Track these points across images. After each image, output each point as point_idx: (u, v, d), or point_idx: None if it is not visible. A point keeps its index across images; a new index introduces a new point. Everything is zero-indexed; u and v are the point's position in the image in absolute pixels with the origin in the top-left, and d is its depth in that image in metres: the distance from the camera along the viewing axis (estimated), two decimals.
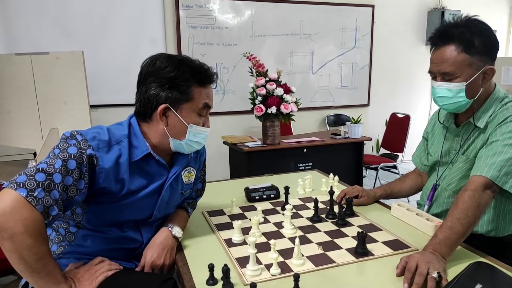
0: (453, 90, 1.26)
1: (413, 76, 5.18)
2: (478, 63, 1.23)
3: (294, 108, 3.10)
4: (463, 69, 1.23)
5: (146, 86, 1.13)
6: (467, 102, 1.27)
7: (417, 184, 1.63)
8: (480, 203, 1.15)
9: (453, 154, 1.41)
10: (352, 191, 1.58)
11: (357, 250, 1.16)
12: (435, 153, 1.48)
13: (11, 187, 0.90)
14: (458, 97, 1.26)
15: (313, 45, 4.60)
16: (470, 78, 1.24)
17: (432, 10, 5.07)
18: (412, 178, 1.65)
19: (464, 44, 1.22)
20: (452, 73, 1.24)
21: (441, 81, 1.28)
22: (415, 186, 1.64)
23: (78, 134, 1.05)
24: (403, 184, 1.64)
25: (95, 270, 1.06)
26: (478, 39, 1.22)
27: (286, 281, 1.01)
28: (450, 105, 1.30)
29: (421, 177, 1.63)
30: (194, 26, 4.06)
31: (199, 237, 1.31)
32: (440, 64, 1.26)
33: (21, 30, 3.48)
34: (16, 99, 2.98)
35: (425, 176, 1.60)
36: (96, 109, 3.68)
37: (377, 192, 1.60)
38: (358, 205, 1.54)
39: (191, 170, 1.31)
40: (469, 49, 1.22)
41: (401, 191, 1.63)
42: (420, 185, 1.62)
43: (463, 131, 1.37)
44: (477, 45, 1.22)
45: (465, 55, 1.22)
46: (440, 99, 1.31)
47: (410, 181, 1.64)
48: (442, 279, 0.98)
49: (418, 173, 1.65)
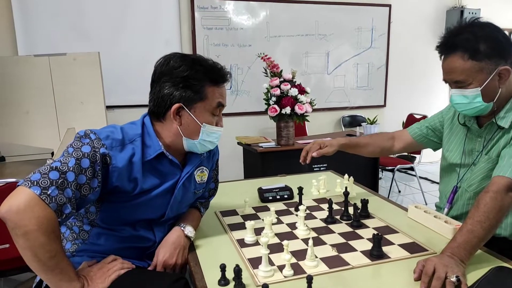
0: (469, 96, 1.24)
1: (431, 77, 5.08)
2: (489, 67, 1.19)
3: (308, 108, 3.07)
4: (474, 76, 1.20)
5: (160, 85, 1.13)
6: (486, 106, 1.24)
7: (386, 146, 1.62)
8: (503, 206, 1.10)
9: (476, 155, 1.36)
10: (314, 147, 1.55)
11: (372, 253, 1.14)
12: (455, 153, 1.44)
13: (25, 185, 0.91)
14: (475, 102, 1.24)
15: (328, 45, 4.56)
16: (484, 83, 1.21)
17: (451, 9, 4.97)
18: (384, 138, 1.63)
19: (469, 52, 1.19)
20: (463, 81, 1.22)
21: (456, 89, 1.26)
22: (383, 148, 1.62)
23: (91, 133, 1.06)
24: (372, 140, 1.62)
25: (108, 269, 1.06)
26: (483, 43, 1.18)
27: (299, 283, 1.00)
28: (470, 110, 1.27)
29: (394, 141, 1.62)
30: (209, 27, 4.08)
31: (211, 237, 1.31)
32: (450, 73, 1.25)
33: (40, 32, 3.55)
34: (34, 99, 3.03)
35: (402, 142, 1.60)
36: (112, 110, 3.72)
37: (341, 140, 1.59)
38: (322, 155, 1.52)
39: (204, 169, 1.31)
40: (475, 56, 1.19)
41: (369, 147, 1.61)
42: (388, 149, 1.62)
43: (486, 131, 1.33)
44: (483, 49, 1.18)
45: (473, 62, 1.19)
46: (458, 105, 1.29)
47: (381, 141, 1.63)
48: (461, 284, 0.95)
49: (394, 136, 1.63)
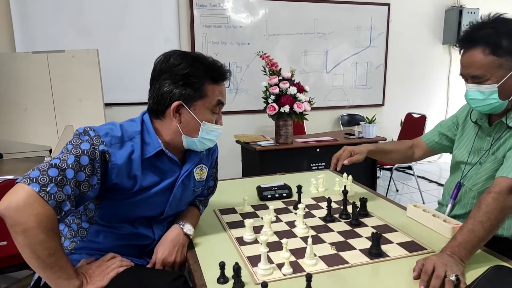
0: (485, 92, 1.23)
1: (430, 76, 5.09)
2: (508, 64, 1.19)
3: (307, 107, 3.06)
4: (493, 71, 1.20)
5: (160, 83, 1.13)
6: (501, 104, 1.23)
7: (408, 155, 1.66)
8: (505, 207, 1.10)
9: (483, 154, 1.36)
10: (344, 154, 1.54)
11: (371, 251, 1.14)
12: (463, 150, 1.44)
13: (24, 182, 0.90)
14: (490, 99, 1.23)
15: (327, 44, 4.56)
16: (502, 79, 1.20)
17: (449, 8, 4.97)
18: (406, 146, 1.66)
19: (491, 46, 1.18)
20: (481, 76, 1.21)
21: (472, 84, 1.25)
22: (406, 156, 1.66)
23: (91, 130, 1.05)
24: (396, 149, 1.65)
25: (107, 266, 1.06)
26: (506, 39, 1.17)
27: (298, 281, 1.00)
28: (484, 107, 1.26)
29: (414, 149, 1.65)
30: (208, 25, 4.07)
31: (210, 235, 1.31)
32: (468, 67, 1.24)
33: (38, 29, 3.53)
34: (32, 96, 3.02)
35: (421, 150, 1.63)
36: (110, 107, 3.71)
37: (369, 147, 1.59)
38: (353, 163, 1.52)
39: (203, 167, 1.31)
40: (496, 51, 1.18)
41: (392, 154, 1.64)
42: (410, 157, 1.65)
43: (495, 130, 1.33)
44: (505, 45, 1.17)
45: (493, 57, 1.18)
46: (472, 101, 1.28)
47: (404, 149, 1.65)
48: (460, 283, 0.95)
49: (414, 144, 1.66)
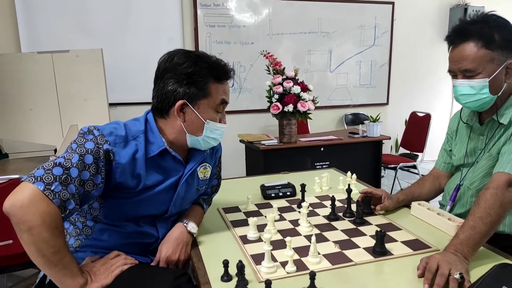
0: (476, 87, 1.22)
1: (434, 75, 5.06)
2: (500, 58, 1.20)
3: (311, 106, 3.06)
4: (485, 65, 1.20)
5: (164, 82, 1.13)
6: (491, 99, 1.24)
7: (435, 187, 1.57)
8: (503, 201, 1.10)
9: (478, 154, 1.36)
10: (377, 192, 1.49)
11: (375, 250, 1.14)
12: (459, 154, 1.44)
13: (29, 181, 0.91)
14: (481, 93, 1.23)
15: (331, 43, 4.55)
16: (493, 74, 1.20)
17: (454, 6, 4.94)
18: (430, 181, 1.58)
19: (484, 40, 1.18)
20: (473, 69, 1.21)
21: (462, 79, 1.24)
22: (434, 189, 1.57)
23: (95, 129, 1.06)
24: (422, 188, 1.57)
25: (111, 264, 1.07)
26: (498, 33, 1.18)
27: (302, 279, 1.00)
28: (474, 102, 1.26)
29: (438, 180, 1.57)
30: (211, 25, 4.07)
31: (214, 233, 1.31)
32: (460, 61, 1.23)
33: (43, 29, 3.56)
34: (38, 96, 3.04)
35: (443, 178, 1.55)
36: (115, 107, 3.73)
37: (400, 197, 1.50)
38: (382, 209, 1.45)
39: (207, 166, 1.31)
40: (489, 44, 1.18)
41: (421, 196, 1.55)
42: (438, 188, 1.57)
43: (487, 129, 1.33)
44: (497, 39, 1.18)
45: (486, 51, 1.19)
46: (462, 97, 1.27)
47: (429, 184, 1.58)
48: (465, 281, 0.94)
49: (435, 176, 1.58)
